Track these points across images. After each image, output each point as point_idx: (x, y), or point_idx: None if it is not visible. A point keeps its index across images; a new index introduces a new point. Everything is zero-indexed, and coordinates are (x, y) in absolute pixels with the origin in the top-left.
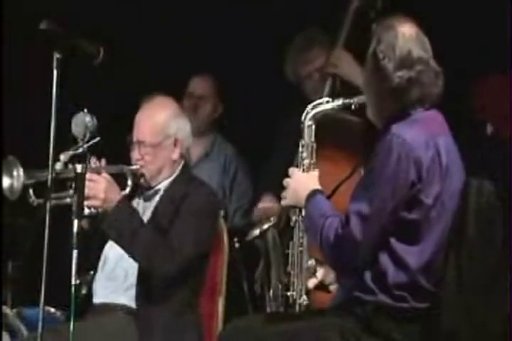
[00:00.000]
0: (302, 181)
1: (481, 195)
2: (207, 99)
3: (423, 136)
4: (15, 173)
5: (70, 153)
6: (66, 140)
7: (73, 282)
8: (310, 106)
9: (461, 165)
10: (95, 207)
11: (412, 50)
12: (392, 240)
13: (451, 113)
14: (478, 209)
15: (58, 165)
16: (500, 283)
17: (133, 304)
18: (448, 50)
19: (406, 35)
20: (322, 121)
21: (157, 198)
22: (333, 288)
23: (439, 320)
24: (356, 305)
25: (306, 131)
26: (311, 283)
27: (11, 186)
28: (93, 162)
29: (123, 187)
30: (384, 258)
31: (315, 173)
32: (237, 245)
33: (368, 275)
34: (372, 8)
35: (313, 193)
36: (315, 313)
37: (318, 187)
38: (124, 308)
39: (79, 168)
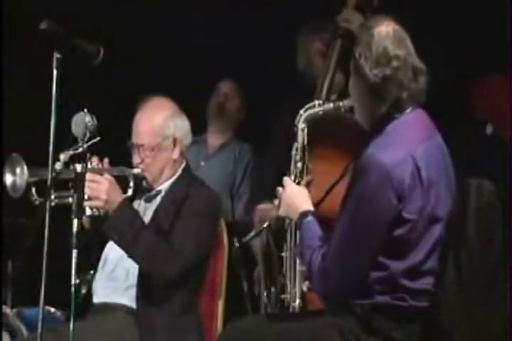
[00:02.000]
0: (293, 198)
1: (481, 195)
2: (232, 98)
3: (400, 152)
4: (18, 171)
5: (70, 152)
6: (66, 140)
7: (73, 282)
8: (302, 110)
9: (449, 167)
10: (97, 208)
11: (388, 47)
12: (379, 257)
13: (452, 113)
14: (478, 208)
15: (58, 165)
16: (500, 283)
17: (133, 304)
18: (448, 50)
19: (382, 33)
20: (319, 120)
21: (158, 199)
22: None
23: (439, 320)
24: (355, 305)
25: (299, 134)
26: (305, 286)
27: (14, 183)
28: (95, 162)
29: (124, 188)
30: (372, 272)
31: (304, 188)
32: (236, 244)
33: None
34: (368, 6)
35: (303, 215)
36: (314, 313)
37: (308, 206)
38: (124, 308)
39: (78, 167)
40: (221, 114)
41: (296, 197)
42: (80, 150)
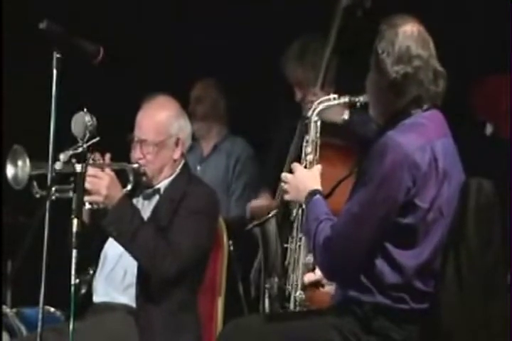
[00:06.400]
0: (303, 179)
1: (481, 195)
2: (202, 100)
3: (419, 140)
4: (20, 163)
5: (70, 152)
6: (66, 139)
7: (73, 282)
8: (317, 102)
9: (460, 167)
10: (96, 203)
11: (411, 46)
12: (388, 244)
13: (451, 113)
14: (477, 208)
15: (58, 165)
16: (500, 283)
17: (133, 303)
18: (448, 50)
19: (407, 32)
20: (323, 123)
21: (157, 197)
22: (330, 287)
23: (439, 320)
24: (355, 306)
25: (312, 126)
26: (307, 278)
27: (16, 176)
28: (97, 158)
29: (124, 185)
30: (379, 261)
31: (316, 169)
32: (230, 242)
33: (364, 277)
34: (359, 7)
35: (312, 194)
36: (314, 313)
37: (318, 186)
38: (124, 308)
39: (78, 167)
40: (197, 119)
41: (306, 178)
42: (80, 150)
